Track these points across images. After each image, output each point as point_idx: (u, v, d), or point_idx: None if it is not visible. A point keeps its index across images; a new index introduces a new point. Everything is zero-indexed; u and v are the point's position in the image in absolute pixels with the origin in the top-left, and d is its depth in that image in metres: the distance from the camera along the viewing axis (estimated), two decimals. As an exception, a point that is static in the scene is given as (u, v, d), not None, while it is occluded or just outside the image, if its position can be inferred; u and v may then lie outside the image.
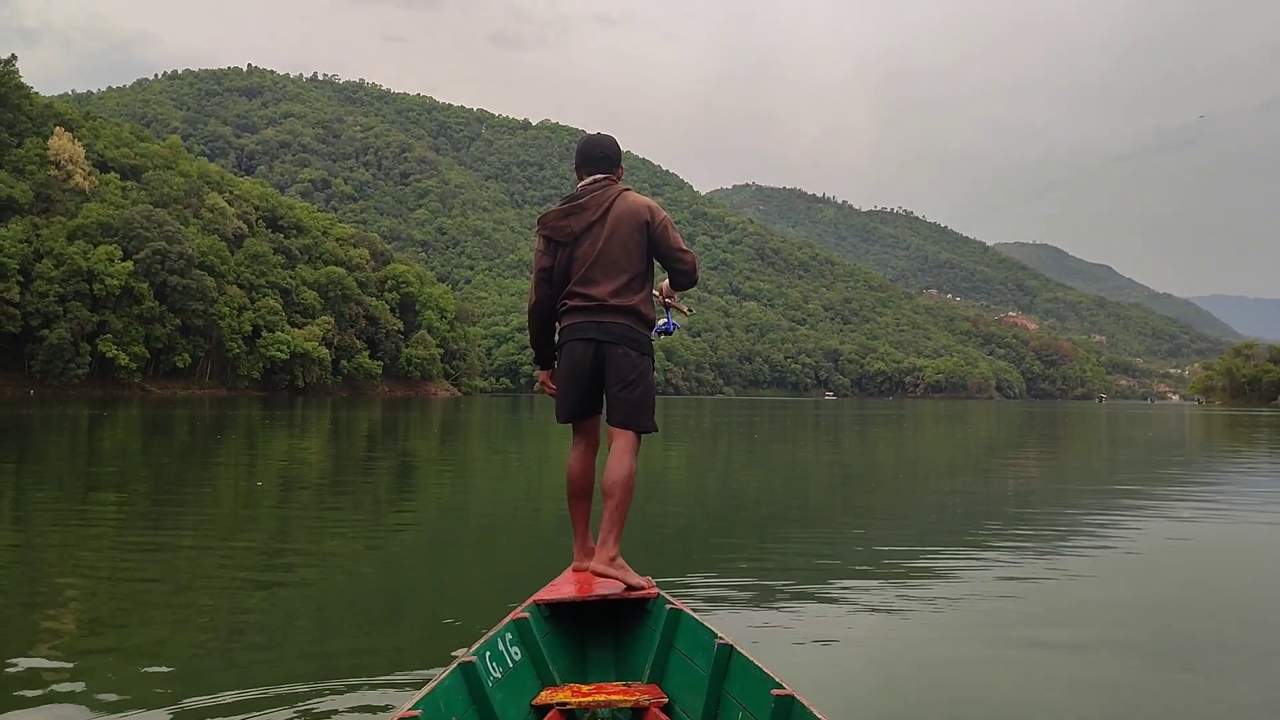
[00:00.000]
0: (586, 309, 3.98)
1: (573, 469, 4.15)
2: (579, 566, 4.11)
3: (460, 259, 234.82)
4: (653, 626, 3.64)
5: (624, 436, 3.94)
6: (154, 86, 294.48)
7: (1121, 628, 5.29)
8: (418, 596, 6.06)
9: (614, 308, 3.96)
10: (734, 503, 11.52)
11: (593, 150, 4.21)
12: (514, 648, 3.35)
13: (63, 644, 4.68)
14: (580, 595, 3.70)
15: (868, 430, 34.71)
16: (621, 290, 3.99)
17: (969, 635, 5.04)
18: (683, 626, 3.50)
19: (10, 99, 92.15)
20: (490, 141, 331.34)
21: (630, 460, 3.90)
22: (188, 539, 7.89)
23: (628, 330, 3.96)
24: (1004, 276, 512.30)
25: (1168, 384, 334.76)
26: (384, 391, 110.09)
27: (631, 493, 3.87)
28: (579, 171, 4.24)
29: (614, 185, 4.15)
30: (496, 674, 3.15)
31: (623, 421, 3.95)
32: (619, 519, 3.81)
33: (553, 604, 3.69)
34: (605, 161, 4.19)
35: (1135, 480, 15.22)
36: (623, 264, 4.00)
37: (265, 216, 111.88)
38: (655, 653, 3.52)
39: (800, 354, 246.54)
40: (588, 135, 4.28)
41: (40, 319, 79.09)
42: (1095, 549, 7.86)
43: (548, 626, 3.62)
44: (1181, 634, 5.24)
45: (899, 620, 5.32)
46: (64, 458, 16.68)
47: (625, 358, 3.95)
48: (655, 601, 3.73)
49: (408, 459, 18.09)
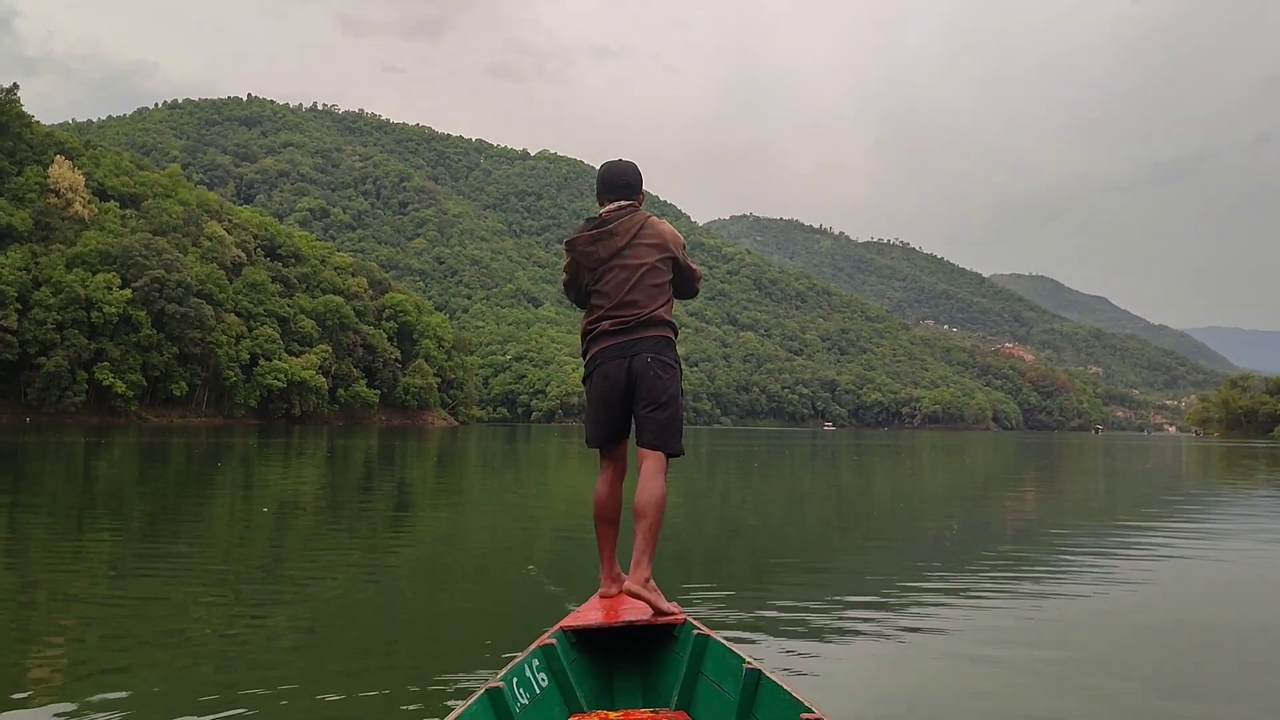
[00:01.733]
0: (618, 331, 4.04)
1: (600, 494, 4.16)
2: (606, 593, 4.09)
3: (458, 288, 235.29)
4: (680, 652, 3.61)
5: (654, 458, 3.96)
6: (154, 116, 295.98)
7: (1133, 659, 5.27)
8: (414, 627, 6.02)
9: (646, 322, 4.03)
10: (736, 531, 11.47)
11: (616, 178, 4.27)
12: (541, 674, 3.33)
13: (56, 670, 4.64)
14: (608, 621, 3.69)
15: (867, 461, 34.66)
16: (652, 312, 4.05)
17: (991, 661, 5.02)
18: (710, 652, 3.47)
19: (11, 127, 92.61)
20: (489, 171, 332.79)
21: (661, 481, 3.92)
22: (183, 567, 7.84)
23: (659, 347, 4.03)
24: (1000, 308, 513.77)
25: (1164, 415, 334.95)
26: (381, 420, 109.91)
27: (663, 514, 3.87)
28: (601, 199, 4.29)
29: (639, 211, 4.21)
30: (524, 700, 3.12)
31: (652, 442, 3.98)
32: (651, 540, 3.82)
33: (580, 630, 3.66)
34: (628, 189, 4.26)
35: (1133, 512, 15.20)
36: (652, 288, 4.07)
37: (264, 245, 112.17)
38: (683, 679, 3.50)
39: (797, 384, 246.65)
40: (609, 162, 4.33)
41: (38, 347, 79.05)
42: (1114, 580, 7.84)
43: (575, 653, 3.59)
44: (1184, 667, 5.22)
45: (917, 645, 5.30)
46: (59, 485, 16.61)
47: (657, 380, 3.99)
48: (683, 627, 3.70)
49: (405, 488, 18.03)
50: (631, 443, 4.15)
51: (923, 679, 4.76)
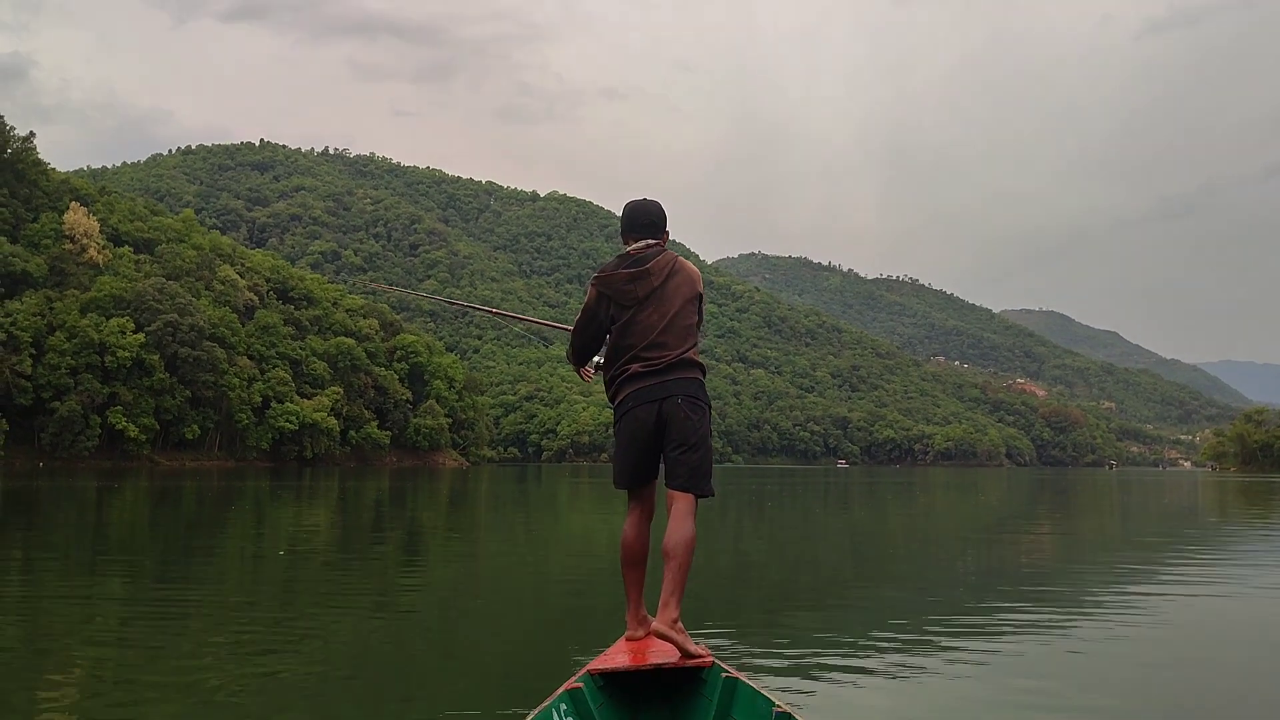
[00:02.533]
0: (649, 373, 4.01)
1: (628, 536, 4.13)
2: (632, 635, 4.05)
3: (468, 329, 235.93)
4: (708, 695, 3.56)
5: (684, 500, 3.94)
6: (168, 161, 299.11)
7: (1151, 699, 5.20)
8: (428, 672, 5.98)
9: (677, 364, 4.02)
10: (752, 570, 11.39)
11: (640, 216, 4.26)
12: (569, 718, 3.31)
13: (71, 713, 4.62)
14: (635, 664, 3.64)
15: (880, 499, 34.45)
16: (683, 353, 4.04)
17: (1013, 702, 4.98)
18: (739, 695, 3.43)
19: (28, 175, 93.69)
20: (499, 213, 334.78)
21: (691, 524, 3.89)
22: (195, 611, 7.82)
23: (691, 388, 4.03)
24: (1011, 343, 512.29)
25: (1179, 450, 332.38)
26: (392, 461, 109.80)
27: (692, 555, 3.85)
28: (626, 237, 4.27)
29: (666, 250, 4.19)
30: None
31: (683, 484, 3.95)
32: (680, 581, 3.78)
33: (607, 673, 3.62)
34: (653, 228, 4.24)
35: (1151, 549, 15.05)
36: (683, 329, 4.08)
37: (276, 288, 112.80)
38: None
39: (809, 421, 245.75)
40: (634, 201, 4.33)
41: (51, 391, 79.38)
42: (1133, 619, 7.75)
43: (602, 697, 3.55)
44: (1202, 708, 5.15)
45: (939, 685, 5.25)
46: (72, 530, 16.62)
47: (687, 421, 3.98)
48: (711, 670, 3.66)
49: (416, 530, 17.98)
50: (661, 484, 4.12)
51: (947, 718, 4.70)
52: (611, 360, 4.14)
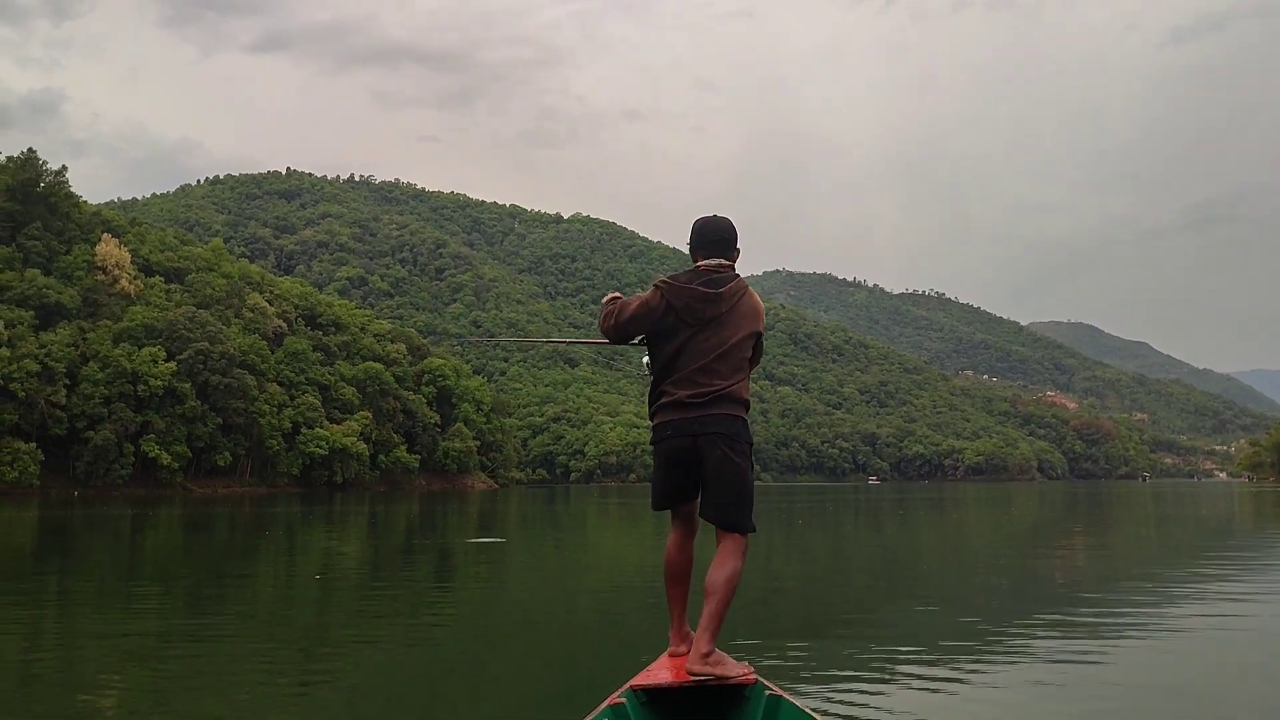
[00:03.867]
0: (690, 404, 3.88)
1: (670, 553, 4.06)
2: (675, 651, 4.00)
3: (495, 351, 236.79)
4: (752, 713, 3.54)
5: (730, 539, 3.82)
6: (196, 191, 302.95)
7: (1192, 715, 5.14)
8: (462, 695, 5.99)
9: (720, 397, 3.88)
10: (788, 589, 11.34)
11: (711, 234, 4.10)
12: None
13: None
14: (677, 680, 3.62)
15: (912, 515, 34.18)
16: (729, 387, 3.89)
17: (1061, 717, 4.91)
18: (783, 713, 3.41)
19: (60, 208, 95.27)
20: (523, 235, 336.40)
21: (735, 563, 3.78)
22: (229, 636, 7.88)
23: (731, 427, 3.87)
24: (1040, 356, 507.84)
25: (1213, 461, 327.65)
26: (421, 485, 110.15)
27: (734, 593, 3.76)
28: (695, 254, 4.12)
29: (738, 277, 4.05)
30: None
31: (722, 522, 3.85)
32: (718, 618, 3.70)
33: (650, 689, 3.61)
34: (722, 245, 4.09)
35: (1189, 563, 14.85)
36: (737, 361, 3.93)
37: (304, 315, 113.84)
38: None
39: (837, 438, 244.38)
40: (705, 218, 4.16)
41: (85, 421, 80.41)
42: (1172, 635, 7.66)
43: (645, 713, 3.54)
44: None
45: (980, 705, 5.20)
46: (107, 558, 16.79)
47: (725, 461, 3.84)
48: (754, 687, 3.63)
49: (447, 553, 18.02)
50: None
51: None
52: (659, 377, 4.01)
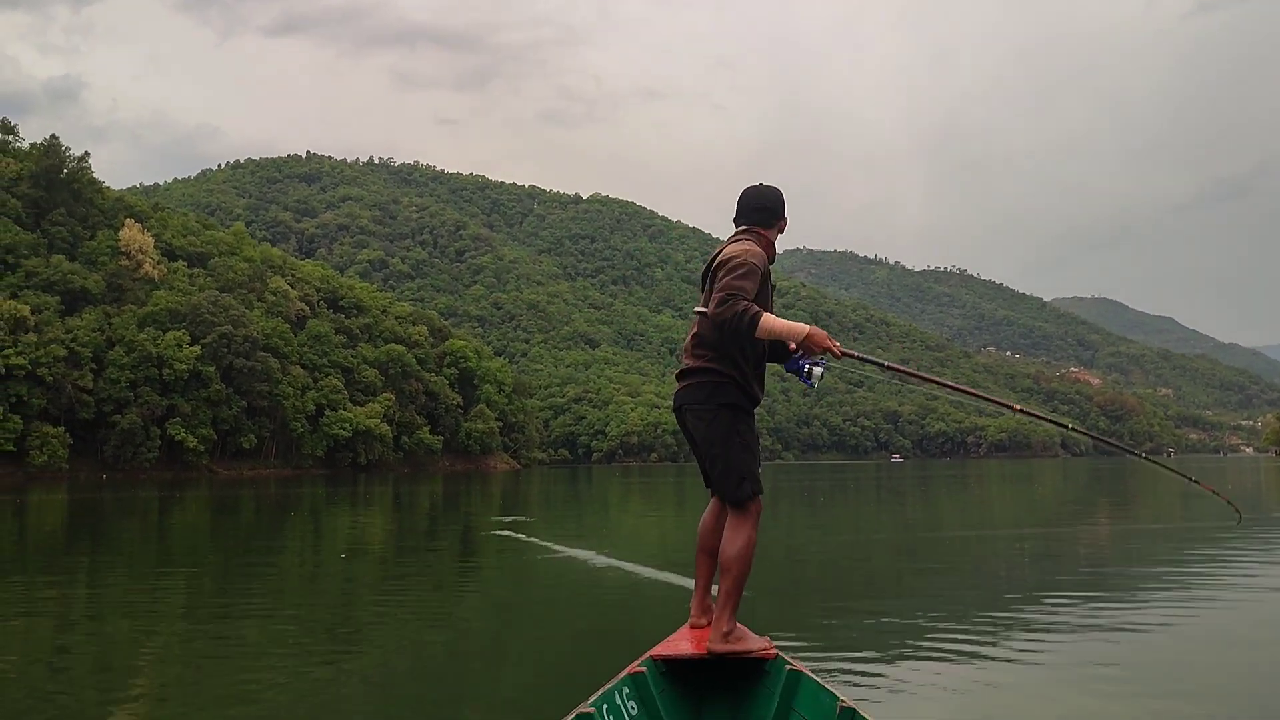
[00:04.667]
0: (679, 375, 3.93)
1: (703, 524, 4.05)
2: (695, 623, 3.98)
3: (516, 332, 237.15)
4: (771, 687, 3.53)
5: (733, 510, 3.80)
6: (217, 176, 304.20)
7: (1218, 692, 5.15)
8: (486, 669, 6.06)
9: (686, 370, 3.87)
10: (808, 563, 11.38)
11: (750, 200, 4.01)
12: (630, 702, 3.30)
13: (134, 717, 4.77)
14: (696, 652, 3.62)
15: (934, 492, 34.12)
16: (697, 349, 3.83)
17: (1082, 694, 4.94)
18: (803, 688, 3.40)
19: (84, 194, 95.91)
20: (542, 216, 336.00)
21: (744, 535, 3.73)
22: (257, 614, 7.99)
23: (697, 396, 3.81)
24: (1063, 332, 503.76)
25: (1240, 436, 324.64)
26: (445, 466, 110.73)
27: (748, 566, 3.73)
28: (735, 223, 4.04)
29: (733, 236, 3.95)
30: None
31: (718, 492, 3.87)
32: (734, 595, 3.69)
33: (670, 660, 3.61)
34: (756, 213, 3.98)
35: (1215, 538, 14.78)
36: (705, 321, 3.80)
37: (326, 298, 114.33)
38: (774, 714, 3.42)
39: (859, 416, 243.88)
40: (750, 186, 4.08)
41: (112, 405, 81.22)
42: (1198, 610, 7.65)
43: (664, 683, 3.54)
44: (1265, 696, 5.05)
45: (1003, 680, 5.21)
46: (136, 539, 17.02)
47: (695, 428, 3.84)
48: (774, 662, 3.62)
49: (470, 532, 18.17)
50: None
51: (1017, 716, 4.68)
52: None
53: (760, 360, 3.92)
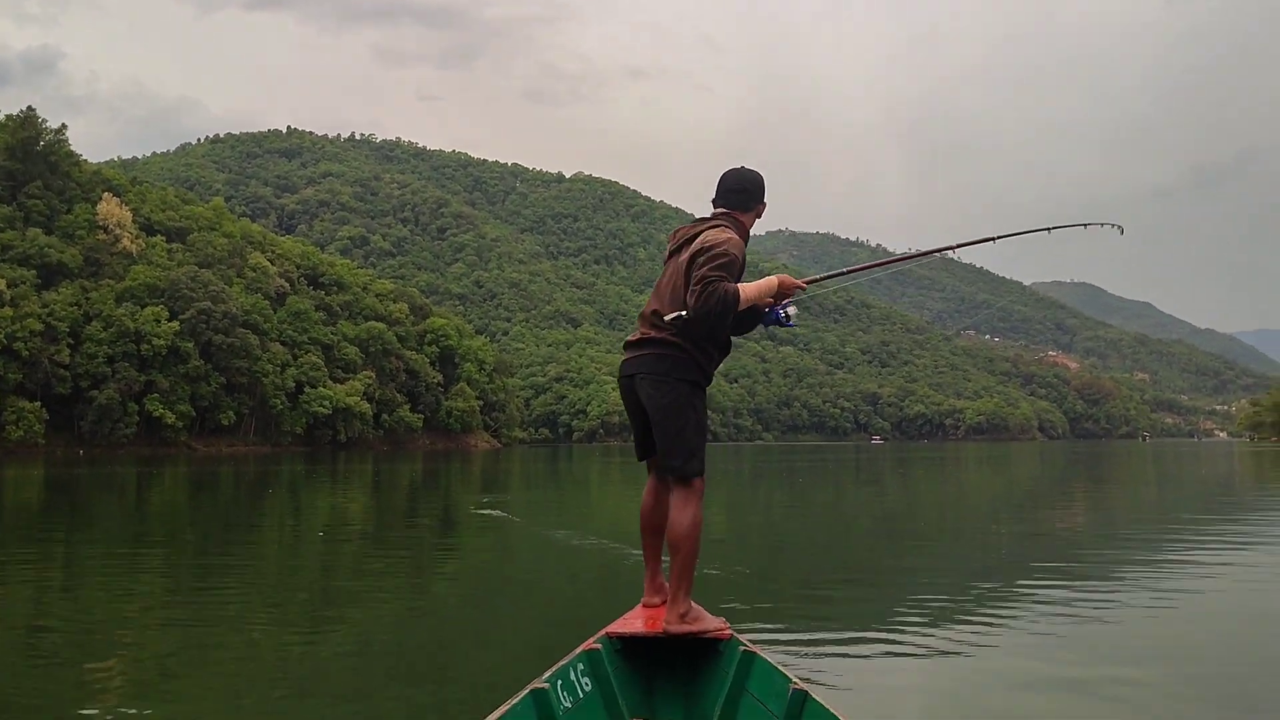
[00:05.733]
0: (632, 344, 3.91)
1: (645, 504, 4.04)
2: (649, 602, 4.00)
3: (497, 311, 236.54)
4: (725, 668, 3.56)
5: (677, 486, 3.77)
6: (196, 150, 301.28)
7: (1186, 674, 5.24)
8: (460, 647, 6.11)
9: (645, 340, 3.85)
10: (781, 545, 11.47)
11: (724, 182, 4.02)
12: (585, 678, 3.34)
13: (114, 692, 4.77)
14: (650, 630, 3.66)
15: (912, 474, 34.36)
16: (660, 322, 3.80)
17: (1044, 680, 5.00)
18: (756, 669, 3.43)
19: (60, 166, 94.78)
20: (525, 195, 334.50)
21: (689, 511, 3.71)
22: (235, 590, 8.00)
23: (655, 364, 3.78)
24: (1042, 316, 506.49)
25: (1214, 421, 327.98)
26: (425, 444, 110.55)
27: (697, 543, 3.71)
28: (713, 204, 4.05)
29: (712, 220, 3.92)
30: (567, 703, 3.14)
31: (664, 465, 3.81)
32: (686, 574, 3.68)
33: (624, 638, 3.65)
34: (735, 195, 3.98)
35: (1188, 521, 14.97)
36: (670, 297, 3.81)
37: (306, 274, 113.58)
38: (726, 694, 3.45)
39: (839, 398, 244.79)
40: (731, 169, 4.08)
41: (89, 380, 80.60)
42: (1157, 593, 7.76)
43: (618, 660, 3.58)
44: (1236, 678, 5.14)
45: (966, 663, 5.27)
46: (114, 515, 16.96)
47: (649, 398, 3.80)
48: (728, 642, 3.64)
49: (450, 510, 18.19)
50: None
51: (971, 699, 4.74)
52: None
53: (726, 345, 3.97)
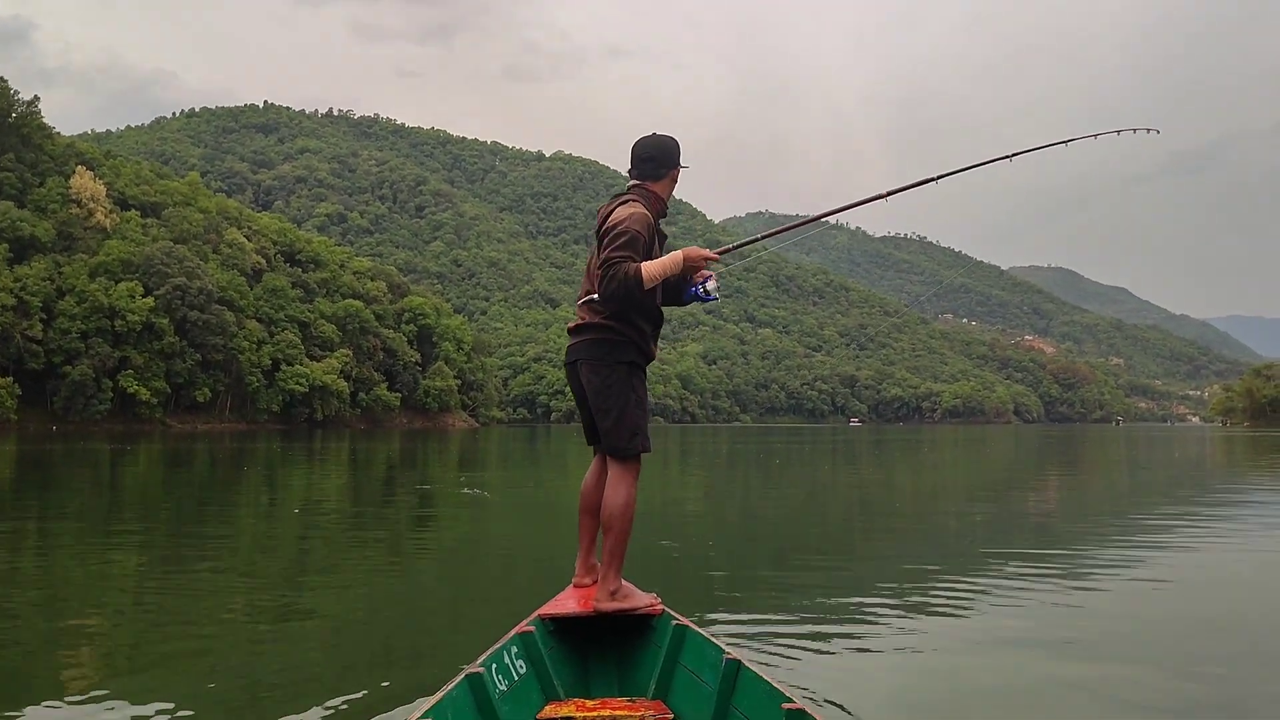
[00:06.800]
0: (570, 330, 3.96)
1: (584, 486, 4.10)
2: (579, 582, 4.06)
3: (476, 290, 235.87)
4: (658, 643, 3.62)
5: (615, 465, 3.83)
6: (172, 124, 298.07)
7: (1148, 652, 5.27)
8: (438, 621, 6.09)
9: (583, 325, 3.88)
10: (755, 530, 11.50)
11: (638, 151, 3.99)
12: (519, 661, 3.36)
13: (83, 674, 4.73)
14: (583, 610, 3.70)
15: (889, 456, 34.56)
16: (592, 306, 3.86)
17: (993, 658, 5.03)
18: (689, 642, 3.49)
19: (33, 139, 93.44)
20: (504, 173, 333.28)
21: (624, 489, 3.78)
22: (207, 570, 7.94)
23: (594, 349, 3.82)
24: (1020, 300, 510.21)
25: (1187, 406, 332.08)
26: (402, 423, 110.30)
27: (630, 522, 3.77)
28: (629, 174, 4.04)
29: (624, 194, 3.95)
30: (502, 686, 3.16)
31: (606, 448, 3.87)
32: (619, 553, 3.74)
33: (557, 619, 3.69)
34: (645, 165, 3.96)
35: (1158, 504, 15.12)
36: (595, 279, 3.82)
37: (283, 251, 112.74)
38: (660, 668, 3.51)
39: (817, 380, 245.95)
40: (643, 136, 4.05)
41: (63, 356, 79.83)
42: (1120, 574, 7.82)
43: (552, 641, 3.62)
44: (1204, 659, 5.15)
45: (915, 637, 5.29)
46: (87, 492, 16.81)
47: (589, 383, 3.84)
48: (660, 618, 3.71)
49: (426, 489, 18.15)
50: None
51: (913, 669, 4.77)
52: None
53: (658, 319, 4.00)
